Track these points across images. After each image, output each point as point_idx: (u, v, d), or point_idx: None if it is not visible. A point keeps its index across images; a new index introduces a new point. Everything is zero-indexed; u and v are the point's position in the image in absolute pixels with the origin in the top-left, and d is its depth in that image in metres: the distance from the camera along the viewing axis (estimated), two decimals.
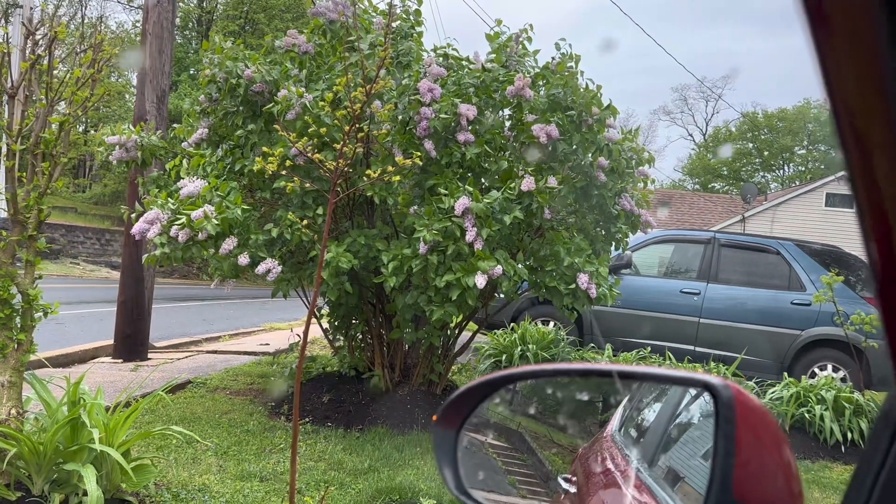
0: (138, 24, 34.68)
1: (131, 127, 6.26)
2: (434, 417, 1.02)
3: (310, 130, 3.60)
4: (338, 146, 2.58)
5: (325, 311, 6.40)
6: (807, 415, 6.55)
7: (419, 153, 4.14)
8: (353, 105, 2.54)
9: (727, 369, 7.26)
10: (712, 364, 7.63)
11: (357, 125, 2.62)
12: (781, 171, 49.97)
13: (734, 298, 8.73)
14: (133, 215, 5.70)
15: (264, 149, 3.14)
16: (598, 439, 2.68)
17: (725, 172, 49.81)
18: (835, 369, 8.15)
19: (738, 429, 0.70)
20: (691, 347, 8.59)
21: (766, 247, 8.97)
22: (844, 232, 20.68)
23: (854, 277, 8.48)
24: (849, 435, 6.46)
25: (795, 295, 8.49)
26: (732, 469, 0.69)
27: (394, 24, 6.00)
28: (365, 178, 3.32)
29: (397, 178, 3.32)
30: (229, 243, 5.02)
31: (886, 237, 0.45)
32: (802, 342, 8.30)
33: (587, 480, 2.41)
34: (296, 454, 2.51)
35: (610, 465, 2.20)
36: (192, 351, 9.08)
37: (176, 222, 5.01)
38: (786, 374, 7.57)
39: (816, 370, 8.19)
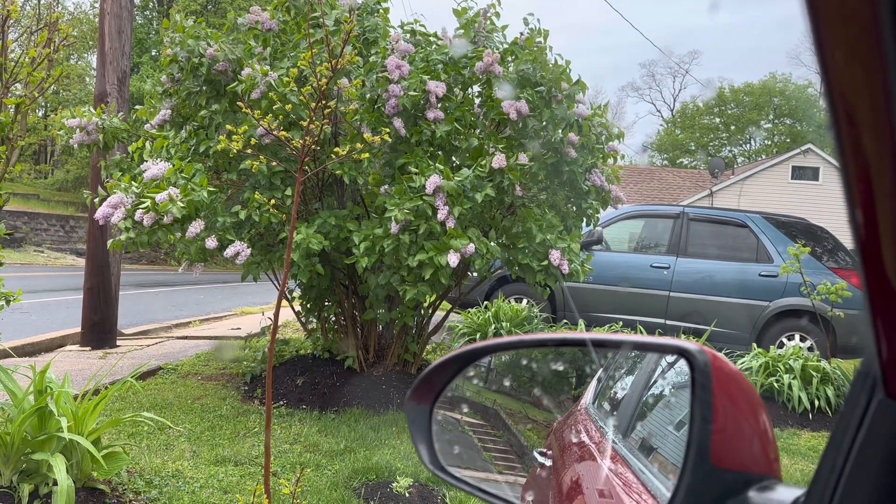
0: (96, 5, 33.76)
1: (92, 109, 6.10)
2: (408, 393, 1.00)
3: (275, 108, 3.53)
4: (304, 124, 2.53)
5: (297, 293, 6.34)
6: (776, 384, 6.68)
7: (388, 131, 4.08)
8: (319, 81, 2.49)
9: (697, 341, 7.37)
10: (682, 336, 7.74)
11: (324, 102, 2.56)
12: (748, 146, 50.64)
13: (703, 272, 8.84)
14: (96, 200, 5.57)
15: (228, 127, 3.07)
16: (572, 413, 2.69)
17: (693, 148, 50.32)
18: (802, 339, 8.32)
19: (715, 394, 0.69)
20: (662, 321, 8.69)
21: (734, 220, 9.08)
22: (810, 204, 21.06)
23: (820, 249, 8.64)
24: (816, 402, 6.61)
25: (763, 267, 8.62)
26: (710, 435, 0.68)
27: (359, 0, 5.91)
28: (333, 157, 3.27)
29: (366, 156, 3.27)
30: (196, 226, 4.93)
31: (871, 206, 0.44)
32: (770, 313, 8.45)
33: (562, 454, 2.43)
34: (269, 437, 2.48)
35: (584, 437, 2.21)
36: (161, 337, 8.96)
37: (140, 206, 4.91)
38: (755, 344, 7.70)
39: (784, 340, 8.35)
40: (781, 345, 8.19)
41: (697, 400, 0.70)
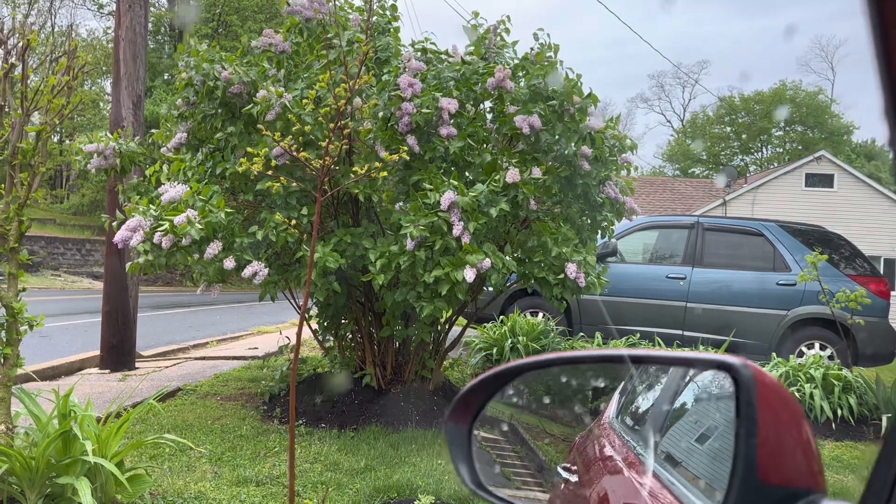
0: (109, 31, 34.28)
1: (108, 134, 6.17)
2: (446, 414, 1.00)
3: (294, 129, 3.56)
4: (323, 144, 2.56)
5: (314, 311, 6.35)
6: (797, 394, 6.61)
7: (405, 149, 4.11)
8: (337, 102, 2.51)
9: (717, 352, 7.32)
10: (701, 347, 7.69)
11: (342, 122, 2.59)
12: (760, 154, 50.40)
13: (720, 281, 8.79)
14: (114, 224, 5.62)
15: (248, 149, 3.10)
16: (594, 427, 2.68)
17: (705, 157, 50.15)
18: (822, 347, 8.23)
19: (760, 408, 0.69)
20: (680, 332, 8.64)
21: (749, 229, 9.03)
22: (825, 211, 20.90)
23: (837, 256, 8.57)
24: (839, 412, 6.53)
25: (780, 275, 8.56)
26: (756, 450, 0.68)
27: (371, 20, 5.96)
28: (351, 176, 3.29)
29: (384, 174, 3.28)
30: (214, 247, 4.97)
31: None
32: (789, 322, 8.38)
33: (587, 468, 2.41)
34: (293, 457, 2.49)
35: (610, 451, 2.19)
36: (180, 358, 8.99)
37: (159, 229, 4.95)
38: (774, 354, 7.63)
39: (804, 349, 8.27)
40: (801, 354, 8.11)
41: (743, 415, 0.70)
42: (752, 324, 8.43)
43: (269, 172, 3.79)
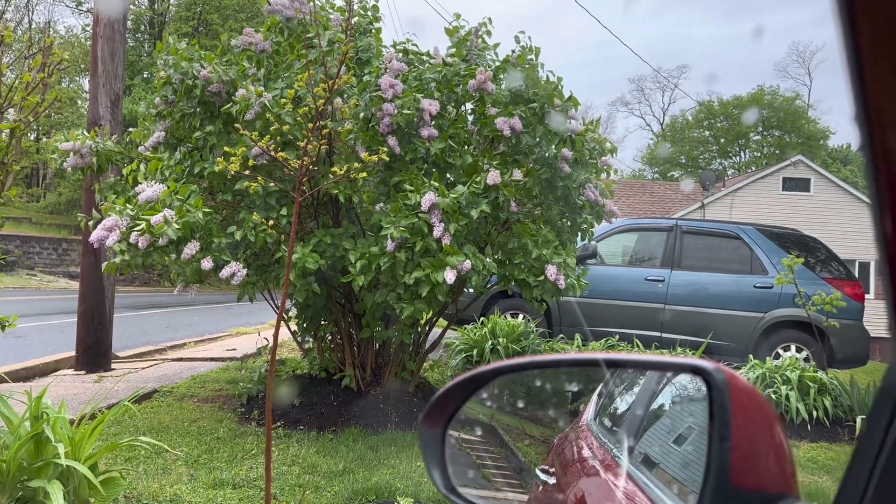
0: (88, 28, 33.88)
1: (85, 132, 6.09)
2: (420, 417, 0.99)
3: (272, 129, 3.54)
4: (301, 144, 2.54)
5: (293, 312, 6.31)
6: (773, 395, 6.68)
7: (385, 150, 4.09)
8: (316, 101, 2.50)
9: (693, 354, 7.37)
10: (679, 349, 7.74)
11: (321, 122, 2.57)
12: (738, 158, 50.94)
13: (698, 284, 8.86)
14: (91, 223, 5.55)
15: (226, 149, 3.08)
16: (573, 429, 2.68)
17: (684, 160, 50.59)
18: (798, 350, 8.33)
19: (733, 412, 0.69)
20: (658, 334, 8.70)
21: (727, 232, 9.12)
22: (802, 215, 21.17)
23: (813, 259, 8.68)
24: (814, 413, 6.61)
25: (757, 278, 8.64)
26: (729, 454, 0.68)
27: (352, 21, 5.94)
28: (330, 176, 3.27)
29: (364, 175, 3.27)
30: (191, 248, 4.92)
31: None
32: (766, 324, 8.47)
33: (565, 471, 2.41)
34: (270, 459, 2.46)
35: (588, 453, 2.20)
36: (156, 359, 8.90)
37: (135, 228, 4.89)
38: (751, 356, 7.71)
39: (780, 351, 8.36)
40: (777, 356, 8.20)
41: (716, 420, 0.70)
42: (729, 326, 8.51)
43: (247, 172, 3.76)
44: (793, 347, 8.36)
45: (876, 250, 0.47)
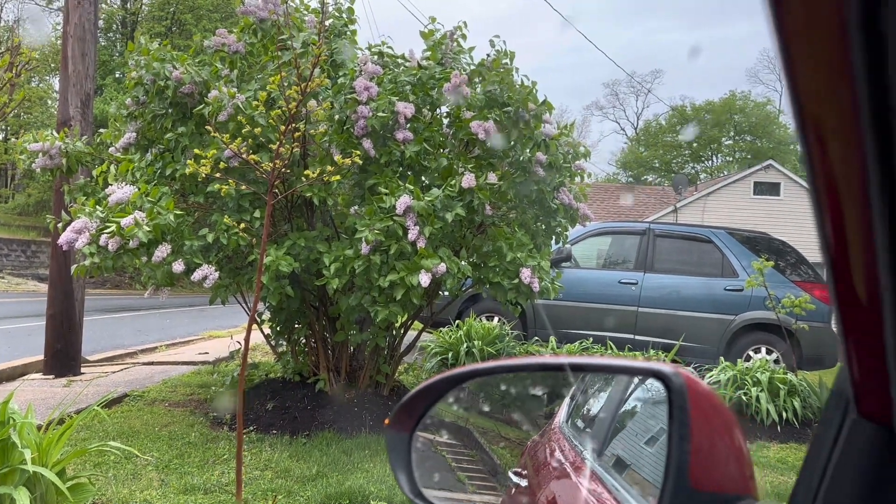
0: (59, 27, 33.35)
1: (55, 133, 6.00)
2: (386, 421, 1.00)
3: (243, 131, 3.51)
4: (273, 147, 2.52)
5: (267, 316, 6.27)
6: (744, 397, 6.77)
7: (359, 153, 4.08)
8: (288, 104, 2.49)
9: (666, 356, 7.45)
10: (652, 351, 7.82)
11: (293, 125, 2.56)
12: (710, 162, 51.57)
13: (670, 287, 8.95)
14: (60, 225, 5.46)
15: (196, 151, 3.05)
16: (546, 432, 2.69)
17: (657, 165, 51.11)
18: (768, 352, 8.45)
19: (692, 416, 0.70)
20: (631, 336, 8.77)
21: (699, 235, 9.23)
22: (772, 219, 21.50)
23: (783, 262, 8.81)
24: (784, 415, 6.71)
25: (728, 281, 8.76)
26: (688, 456, 0.69)
27: (326, 23, 5.93)
28: (303, 179, 3.25)
29: (337, 178, 3.26)
30: (162, 250, 4.86)
31: (839, 218, 0.45)
32: (736, 326, 8.58)
33: (537, 473, 2.42)
34: (241, 463, 2.44)
35: (559, 456, 2.21)
36: (127, 363, 8.77)
37: (105, 230, 4.83)
38: (722, 358, 7.81)
39: (751, 353, 8.48)
40: (748, 358, 8.31)
41: (675, 422, 0.71)
42: (701, 328, 8.61)
43: (217, 174, 3.73)
44: (763, 349, 8.48)
45: (821, 257, 0.48)
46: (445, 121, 6.09)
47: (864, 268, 0.44)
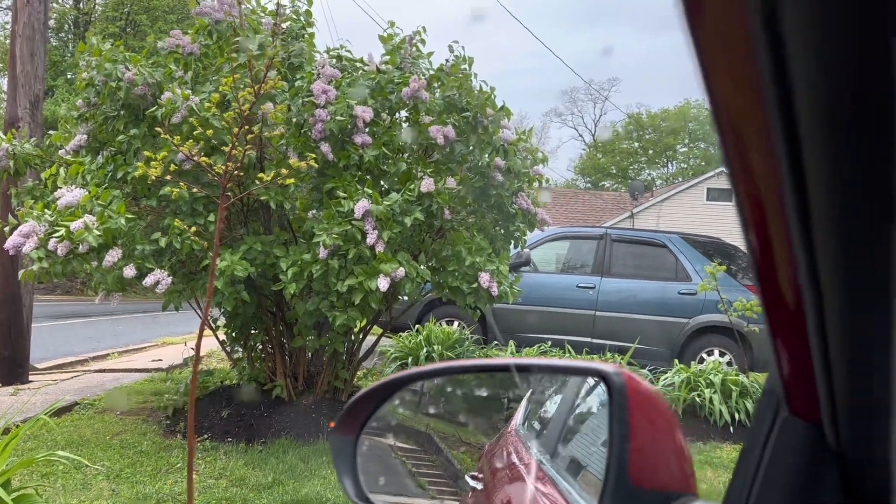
0: (7, 26, 32.41)
1: (2, 135, 5.83)
2: (332, 424, 0.99)
3: (195, 133, 3.45)
4: (227, 149, 2.49)
5: (222, 321, 6.17)
6: (697, 398, 6.89)
7: (314, 156, 4.05)
8: (241, 106, 2.46)
9: (622, 359, 7.55)
10: (608, 354, 7.92)
11: (246, 127, 2.53)
12: (666, 169, 52.56)
13: (626, 291, 9.08)
14: (6, 229, 5.30)
15: (146, 153, 2.99)
16: (503, 435, 2.71)
17: (614, 171, 51.87)
18: (721, 354, 8.62)
19: (632, 415, 0.71)
20: (589, 339, 8.86)
21: (654, 240, 9.38)
22: (725, 224, 21.96)
23: (735, 267, 9.01)
24: (736, 416, 6.85)
25: (682, 285, 8.92)
26: (628, 455, 0.70)
27: (284, 25, 5.88)
28: (256, 182, 3.21)
29: (291, 181, 3.23)
30: (113, 255, 4.75)
31: (763, 226, 0.46)
32: (690, 329, 8.73)
33: (493, 477, 2.43)
34: (192, 472, 2.40)
35: (514, 459, 2.22)
36: (77, 371, 8.55)
37: (54, 235, 4.70)
38: (676, 360, 7.94)
39: (704, 355, 8.64)
40: (702, 360, 8.47)
41: (616, 421, 0.72)
42: (656, 331, 8.74)
43: (168, 177, 3.66)
44: (716, 352, 8.65)
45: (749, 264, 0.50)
46: (405, 125, 6.09)
47: (786, 271, 0.46)
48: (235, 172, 2.63)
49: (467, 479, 2.64)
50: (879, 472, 0.53)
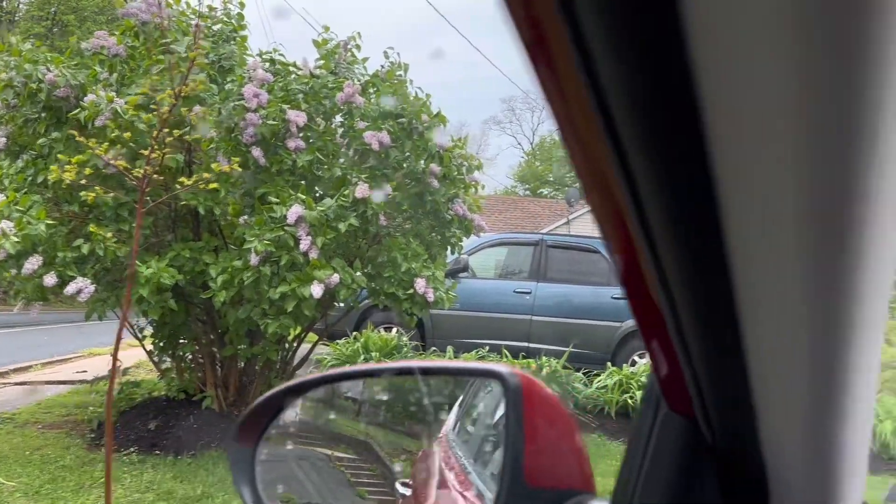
0: None
1: None
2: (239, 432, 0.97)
3: (112, 136, 3.34)
4: (146, 153, 2.42)
5: (150, 331, 5.99)
6: (630, 400, 7.05)
7: (237, 160, 3.97)
8: (161, 109, 2.39)
9: (557, 362, 7.65)
10: (544, 359, 8.01)
11: (167, 130, 2.46)
12: None
13: (561, 295, 9.22)
14: None
15: (59, 156, 2.88)
16: (435, 441, 2.70)
17: (552, 178, 52.68)
18: None
19: (527, 416, 0.72)
20: (526, 344, 8.95)
21: (588, 246, 9.55)
22: None
23: None
24: None
25: (615, 290, 9.10)
26: (523, 456, 0.70)
27: (215, 28, 5.78)
28: (177, 186, 3.13)
29: (214, 185, 3.16)
30: (33, 262, 4.56)
31: (616, 238, 0.47)
32: (623, 333, 8.91)
33: (422, 484, 2.42)
34: (110, 487, 2.31)
35: (442, 465, 2.22)
36: None
37: None
38: (610, 363, 8.10)
39: (636, 358, 8.83)
40: (634, 363, 8.66)
41: (510, 421, 0.72)
42: (590, 335, 8.89)
43: (83, 181, 3.53)
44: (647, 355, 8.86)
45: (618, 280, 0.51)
46: (340, 130, 6.04)
47: (642, 280, 0.47)
48: (154, 176, 2.55)
49: (398, 486, 2.63)
50: (755, 466, 0.55)
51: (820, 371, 0.42)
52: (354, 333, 8.18)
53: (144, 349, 6.10)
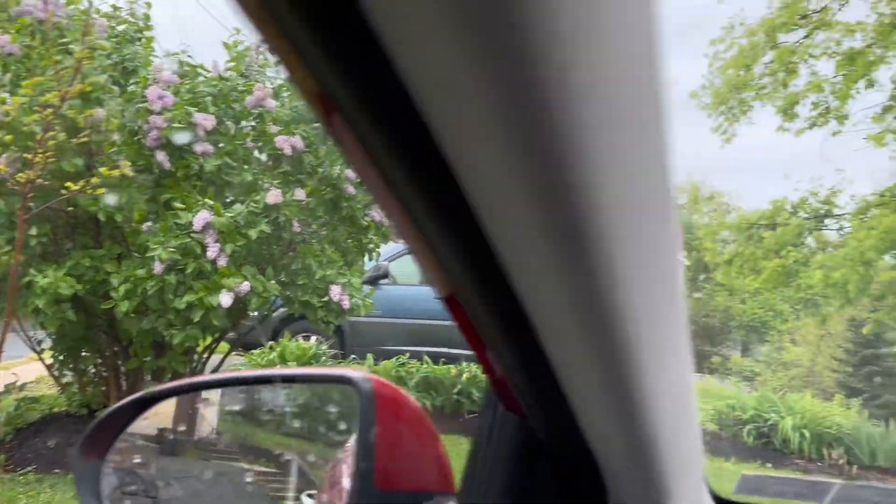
0: None
1: None
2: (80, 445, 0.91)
3: (7, 138, 3.16)
4: (29, 157, 2.28)
5: (49, 344, 5.69)
6: None
7: (128, 164, 3.83)
8: (44, 110, 2.27)
9: (478, 367, 7.69)
10: (464, 364, 8.04)
11: (52, 132, 2.33)
12: None
13: None
14: None
15: None
16: (344, 451, 2.66)
17: None
18: None
19: (379, 419, 0.70)
20: (446, 350, 8.96)
21: None
22: None
23: None
24: None
25: None
26: (373, 459, 0.68)
27: (119, 28, 5.57)
28: (63, 192, 2.98)
29: (102, 191, 3.02)
30: None
31: (436, 270, 0.47)
32: None
33: (326, 495, 2.38)
34: None
35: (344, 474, 2.19)
36: None
37: None
38: None
39: None
40: None
41: (362, 425, 0.71)
42: None
43: None
44: None
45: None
46: (251, 135, 5.91)
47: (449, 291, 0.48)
48: (45, 182, 2.41)
49: (303, 497, 2.57)
50: (590, 466, 0.55)
51: (613, 375, 0.42)
52: (270, 343, 7.99)
53: (43, 363, 5.79)
